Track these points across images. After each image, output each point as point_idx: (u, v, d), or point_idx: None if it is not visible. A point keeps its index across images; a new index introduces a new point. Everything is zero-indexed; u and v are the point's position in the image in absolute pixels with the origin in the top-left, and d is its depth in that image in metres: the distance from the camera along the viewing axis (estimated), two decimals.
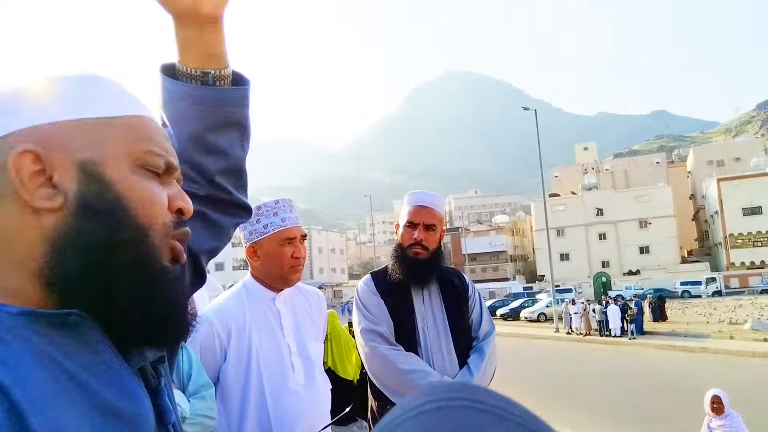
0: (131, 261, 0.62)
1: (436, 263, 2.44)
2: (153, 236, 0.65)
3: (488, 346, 2.41)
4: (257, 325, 2.00)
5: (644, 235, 63.68)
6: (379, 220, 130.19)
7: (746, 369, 13.50)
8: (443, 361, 2.33)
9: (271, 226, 2.03)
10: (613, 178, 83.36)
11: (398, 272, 2.40)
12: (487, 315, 2.54)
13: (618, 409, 9.93)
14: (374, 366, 2.27)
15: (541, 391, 11.72)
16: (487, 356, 2.36)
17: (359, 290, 2.48)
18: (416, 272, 2.39)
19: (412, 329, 2.35)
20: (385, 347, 2.27)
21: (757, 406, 8.88)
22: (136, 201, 0.64)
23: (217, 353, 1.94)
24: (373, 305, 2.38)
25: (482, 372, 2.32)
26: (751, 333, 19.25)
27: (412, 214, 2.43)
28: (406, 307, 2.39)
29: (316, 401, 2.03)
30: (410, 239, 2.40)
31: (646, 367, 14.88)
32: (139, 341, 0.65)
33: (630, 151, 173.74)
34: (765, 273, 53.69)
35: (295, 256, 2.04)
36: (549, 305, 31.31)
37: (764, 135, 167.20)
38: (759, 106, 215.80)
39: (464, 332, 2.43)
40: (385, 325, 2.32)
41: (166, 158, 0.68)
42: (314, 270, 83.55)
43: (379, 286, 2.43)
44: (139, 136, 0.67)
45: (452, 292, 2.47)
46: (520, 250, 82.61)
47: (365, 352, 2.31)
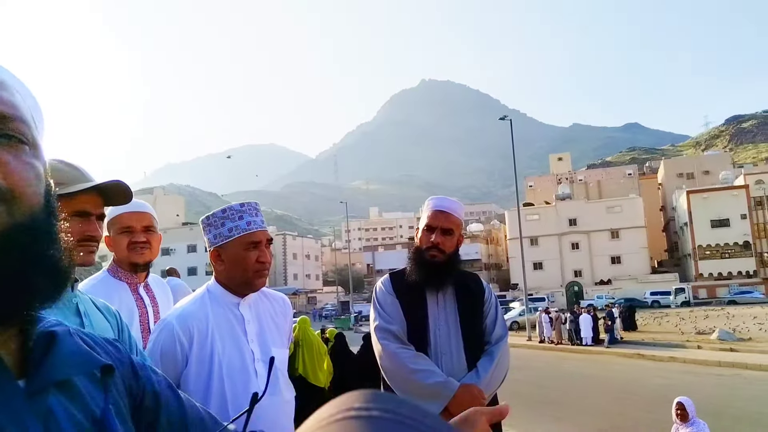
0: None
1: (453, 267, 2.51)
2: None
3: (499, 350, 2.46)
4: (220, 331, 1.95)
5: (616, 246, 64.66)
6: (355, 226, 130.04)
7: (713, 378, 13.75)
8: (452, 363, 2.39)
9: (235, 230, 1.99)
10: (587, 188, 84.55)
11: (414, 274, 2.48)
12: (502, 320, 2.60)
13: (588, 417, 10.00)
14: (385, 363, 2.36)
15: (511, 399, 11.75)
16: (497, 360, 2.41)
17: (377, 289, 2.56)
18: (432, 275, 2.46)
19: (423, 330, 2.43)
20: (396, 345, 2.36)
21: (723, 414, 9.04)
22: None
23: (178, 359, 1.88)
24: (388, 304, 2.46)
25: (490, 375, 2.36)
26: (718, 343, 19.65)
27: (431, 218, 2.49)
28: (420, 308, 2.45)
29: (279, 409, 1.98)
30: (427, 242, 2.46)
31: (617, 375, 15.05)
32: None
33: (603, 162, 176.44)
34: (732, 284, 54.94)
35: (260, 261, 2.00)
36: (522, 314, 31.54)
37: (733, 149, 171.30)
38: (728, 121, 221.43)
39: (477, 336, 2.48)
40: (398, 325, 2.41)
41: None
42: (288, 276, 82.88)
43: (396, 287, 2.51)
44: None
45: (468, 295, 2.53)
46: (494, 259, 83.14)
47: (378, 350, 2.40)
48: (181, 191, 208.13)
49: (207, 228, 2.04)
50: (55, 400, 0.60)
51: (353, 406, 0.32)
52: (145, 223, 2.24)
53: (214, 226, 2.01)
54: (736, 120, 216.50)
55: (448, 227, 2.47)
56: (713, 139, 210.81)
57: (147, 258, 2.28)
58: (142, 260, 2.26)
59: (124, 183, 1.52)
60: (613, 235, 65.15)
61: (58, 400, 0.61)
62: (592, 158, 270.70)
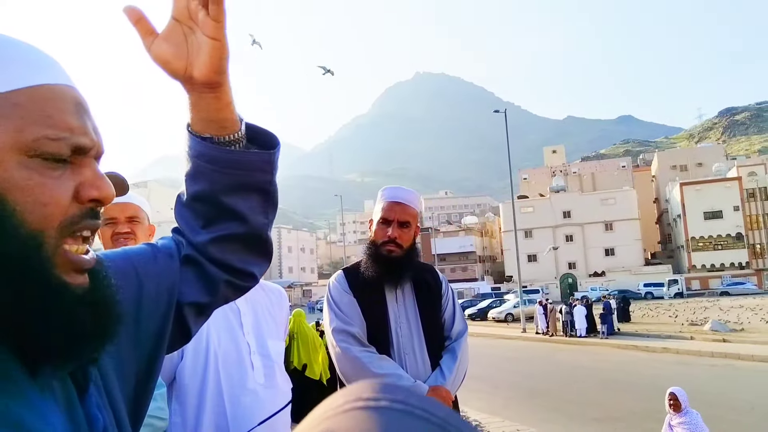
0: (18, 281, 0.54)
1: (411, 261, 2.37)
2: (46, 245, 0.56)
3: (460, 346, 2.36)
4: (216, 323, 1.94)
5: (609, 238, 64.93)
6: (350, 219, 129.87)
7: (706, 369, 13.85)
8: (416, 362, 2.28)
9: None
10: (581, 181, 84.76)
11: (371, 270, 2.33)
12: (460, 314, 2.49)
13: (582, 408, 10.06)
14: (346, 368, 2.21)
15: (507, 391, 11.83)
16: (459, 357, 2.32)
17: (331, 287, 2.40)
18: (390, 270, 2.32)
19: (385, 330, 2.29)
20: (358, 349, 2.20)
21: (716, 405, 9.11)
22: (25, 203, 0.54)
23: (173, 352, 1.88)
24: (345, 304, 2.30)
25: (454, 374, 2.28)
26: (711, 334, 19.78)
27: (386, 210, 2.35)
28: (380, 306, 2.32)
29: (275, 401, 1.98)
30: (384, 236, 2.32)
31: (611, 366, 15.13)
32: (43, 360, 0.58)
33: (597, 155, 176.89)
34: (724, 276, 55.33)
35: None
36: (516, 306, 31.65)
37: (726, 141, 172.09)
38: (721, 113, 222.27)
39: (437, 332, 2.37)
40: (358, 326, 2.26)
41: (70, 140, 0.57)
42: (283, 269, 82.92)
43: (352, 284, 2.36)
44: (31, 118, 0.56)
45: (426, 290, 2.41)
46: (489, 251, 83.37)
47: (336, 353, 2.24)
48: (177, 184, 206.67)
49: None
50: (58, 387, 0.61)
51: (362, 396, 0.32)
52: (128, 214, 2.21)
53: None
54: (730, 112, 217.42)
55: (405, 220, 2.33)
56: (706, 131, 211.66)
57: None
58: None
59: (120, 176, 1.51)
60: (607, 228, 65.41)
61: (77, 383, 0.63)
62: (586, 151, 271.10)
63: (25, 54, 0.58)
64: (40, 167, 0.56)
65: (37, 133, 0.55)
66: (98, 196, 0.59)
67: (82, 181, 0.59)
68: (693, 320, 25.20)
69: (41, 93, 0.57)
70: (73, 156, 0.58)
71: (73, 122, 0.59)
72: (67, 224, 0.57)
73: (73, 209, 0.58)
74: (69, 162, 0.58)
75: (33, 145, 0.55)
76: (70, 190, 0.58)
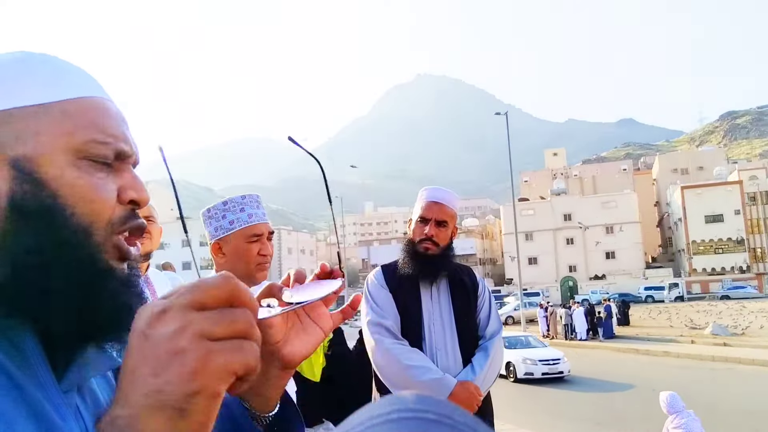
0: (70, 264, 0.58)
1: (446, 260, 2.44)
2: (95, 236, 0.60)
3: (493, 345, 2.39)
4: None
5: (610, 241, 64.85)
6: (350, 221, 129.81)
7: (706, 372, 13.83)
8: (446, 358, 2.33)
9: (237, 222, 1.96)
10: (581, 183, 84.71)
11: (408, 267, 2.40)
12: (496, 315, 2.53)
13: (582, 410, 10.05)
14: (378, 358, 2.29)
15: (506, 392, 11.80)
16: (491, 356, 2.35)
17: (369, 282, 2.49)
18: (425, 268, 2.40)
19: (418, 325, 2.36)
20: (390, 341, 2.28)
21: (716, 408, 9.10)
22: (75, 199, 0.59)
23: None
24: (381, 298, 2.38)
25: (485, 371, 2.30)
26: (711, 338, 19.76)
27: (425, 209, 2.43)
28: (414, 302, 2.39)
29: None
30: (421, 234, 2.40)
31: (611, 369, 15.12)
32: (80, 341, 0.61)
33: (598, 158, 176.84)
34: (725, 279, 55.27)
35: (261, 254, 1.98)
36: (517, 308, 31.61)
37: (727, 145, 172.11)
38: (722, 117, 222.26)
39: (470, 331, 2.42)
40: (392, 319, 2.34)
41: (115, 146, 0.62)
42: (283, 271, 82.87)
43: (388, 280, 2.44)
44: (81, 124, 0.61)
45: (461, 289, 2.46)
46: (489, 254, 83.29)
47: (370, 345, 2.33)
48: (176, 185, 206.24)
49: (208, 220, 2.01)
50: (79, 399, 0.62)
51: (409, 407, 0.33)
52: (144, 214, 2.23)
53: (215, 218, 1.99)
54: (730, 116, 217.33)
55: (442, 219, 2.40)
56: (707, 134, 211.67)
57: (146, 248, 2.27)
58: (142, 250, 2.24)
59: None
60: (607, 231, 65.34)
61: (79, 398, 0.63)
62: (587, 154, 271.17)
63: (73, 70, 0.64)
64: (89, 168, 0.60)
65: (86, 136, 0.60)
66: (137, 198, 0.64)
67: (123, 184, 0.63)
68: (694, 324, 25.17)
69: (88, 103, 0.62)
70: (116, 161, 0.63)
71: (116, 130, 0.63)
72: (115, 221, 0.62)
73: (119, 210, 0.62)
74: (112, 166, 0.62)
75: (83, 147, 0.60)
76: (114, 192, 0.62)
